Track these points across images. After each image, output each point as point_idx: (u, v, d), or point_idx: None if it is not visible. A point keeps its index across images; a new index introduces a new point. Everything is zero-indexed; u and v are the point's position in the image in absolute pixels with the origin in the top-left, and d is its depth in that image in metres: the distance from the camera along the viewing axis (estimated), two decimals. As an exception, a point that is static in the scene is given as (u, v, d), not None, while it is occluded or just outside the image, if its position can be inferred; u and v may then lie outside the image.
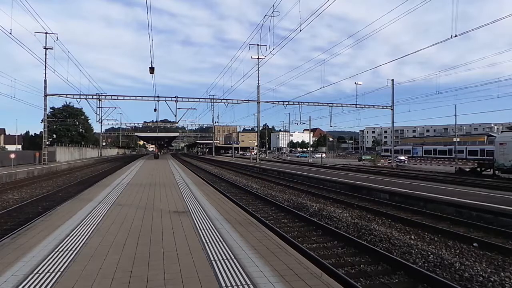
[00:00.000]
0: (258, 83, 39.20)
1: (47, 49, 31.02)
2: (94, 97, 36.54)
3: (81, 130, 59.09)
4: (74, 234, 5.46)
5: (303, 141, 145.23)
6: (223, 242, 5.08)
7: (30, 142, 60.04)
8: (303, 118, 76.47)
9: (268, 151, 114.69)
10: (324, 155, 52.38)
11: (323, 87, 35.57)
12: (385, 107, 39.87)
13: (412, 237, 7.77)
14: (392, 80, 37.45)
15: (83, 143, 57.88)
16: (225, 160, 49.13)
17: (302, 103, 40.54)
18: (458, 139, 57.45)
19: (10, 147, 58.18)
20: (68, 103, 56.68)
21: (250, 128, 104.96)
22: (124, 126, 77.95)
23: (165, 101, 36.92)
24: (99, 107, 45.27)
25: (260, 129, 44.34)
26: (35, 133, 67.47)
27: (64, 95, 35.40)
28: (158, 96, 36.57)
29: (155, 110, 38.23)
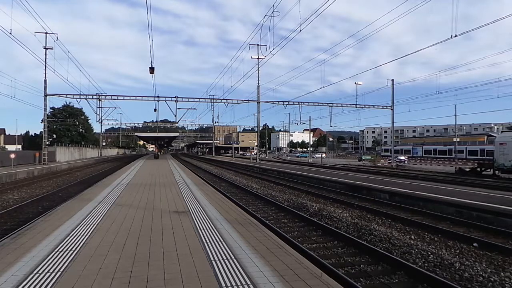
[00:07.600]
0: (258, 83, 39.26)
1: (47, 49, 31.06)
2: (94, 97, 36.55)
3: (81, 130, 59.12)
4: (74, 234, 5.47)
5: (303, 141, 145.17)
6: (223, 242, 5.08)
7: (30, 142, 60.14)
8: (303, 118, 76.58)
9: (268, 151, 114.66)
10: (324, 155, 52.41)
11: (323, 87, 35.68)
12: (385, 107, 39.86)
13: (412, 237, 7.77)
14: (392, 80, 37.49)
15: (83, 143, 57.89)
16: (225, 160, 49.12)
17: (302, 103, 40.53)
18: (458, 139, 57.44)
19: (10, 147, 58.20)
20: (68, 103, 56.85)
21: (250, 128, 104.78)
22: (124, 126, 77.98)
23: (165, 101, 36.94)
24: (99, 107, 45.34)
25: (260, 129, 44.33)
26: (35, 133, 67.65)
27: (64, 95, 35.41)
28: (158, 96, 36.60)
29: (155, 110, 38.32)
